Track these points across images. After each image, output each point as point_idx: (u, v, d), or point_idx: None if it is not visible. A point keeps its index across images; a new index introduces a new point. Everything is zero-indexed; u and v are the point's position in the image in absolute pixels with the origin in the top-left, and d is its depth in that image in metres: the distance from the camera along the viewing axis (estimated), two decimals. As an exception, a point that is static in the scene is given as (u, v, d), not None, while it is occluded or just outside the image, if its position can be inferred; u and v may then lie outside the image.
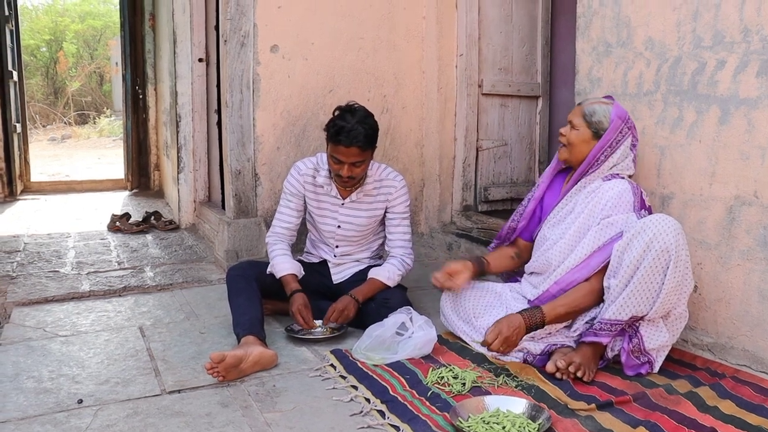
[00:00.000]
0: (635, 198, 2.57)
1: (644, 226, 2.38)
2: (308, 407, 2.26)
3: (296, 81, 4.12)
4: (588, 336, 2.48)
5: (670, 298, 2.38)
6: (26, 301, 3.51)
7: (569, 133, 2.69)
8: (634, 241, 2.39)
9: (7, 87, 7.37)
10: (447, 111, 4.55)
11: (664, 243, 2.33)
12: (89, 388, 2.43)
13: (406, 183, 3.22)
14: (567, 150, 2.71)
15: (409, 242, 3.22)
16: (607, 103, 2.66)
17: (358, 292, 3.01)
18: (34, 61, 22.08)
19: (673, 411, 2.15)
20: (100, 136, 18.03)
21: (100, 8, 26.04)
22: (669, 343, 2.48)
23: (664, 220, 2.37)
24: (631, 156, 2.66)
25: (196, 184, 5.44)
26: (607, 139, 2.61)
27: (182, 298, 3.62)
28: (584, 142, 2.65)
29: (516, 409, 2.11)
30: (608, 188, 2.58)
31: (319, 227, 3.24)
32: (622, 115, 2.63)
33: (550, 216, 2.79)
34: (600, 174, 2.66)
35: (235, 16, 3.92)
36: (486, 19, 4.56)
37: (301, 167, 3.19)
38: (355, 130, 2.86)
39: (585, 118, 2.65)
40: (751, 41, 2.48)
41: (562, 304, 2.54)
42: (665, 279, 2.35)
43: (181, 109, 5.51)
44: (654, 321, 2.43)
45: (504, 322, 2.57)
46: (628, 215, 2.52)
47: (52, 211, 6.79)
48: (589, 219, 2.60)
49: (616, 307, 2.40)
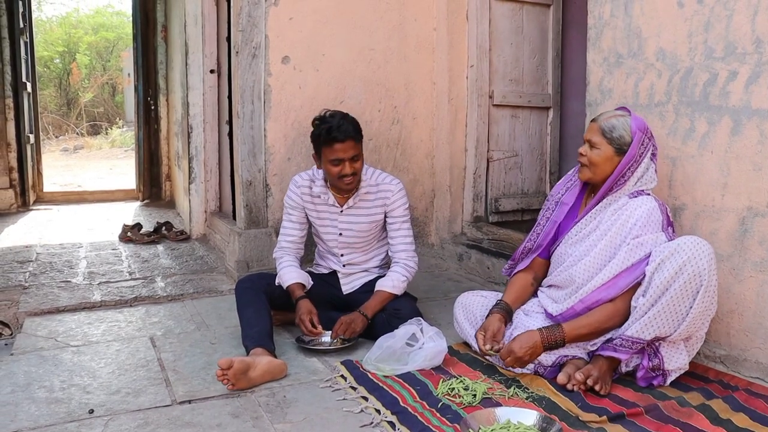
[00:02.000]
0: (663, 216, 2.51)
1: (678, 248, 2.34)
2: (318, 418, 2.26)
3: (307, 92, 4.14)
4: (606, 350, 2.45)
5: (695, 322, 2.35)
6: (38, 311, 3.53)
7: (589, 152, 2.58)
8: (666, 262, 2.34)
9: (21, 98, 7.44)
10: (458, 122, 4.55)
11: (697, 267, 2.29)
12: (100, 398, 2.43)
13: (403, 186, 3.22)
14: (589, 170, 2.60)
15: (412, 245, 3.23)
16: (624, 116, 2.58)
17: (367, 308, 3.02)
18: (47, 73, 22.27)
19: (685, 424, 2.13)
20: (112, 147, 18.15)
21: (113, 20, 26.28)
22: (687, 364, 2.47)
23: (699, 244, 2.32)
24: (653, 167, 2.59)
25: (207, 195, 5.46)
26: (632, 154, 2.52)
27: (193, 308, 3.63)
28: (607, 161, 2.55)
29: (527, 420, 2.10)
30: (636, 206, 2.50)
31: (322, 237, 3.27)
32: (641, 126, 2.56)
33: (571, 233, 2.71)
34: (626, 191, 2.57)
35: (247, 27, 3.95)
36: (497, 30, 4.57)
37: (298, 180, 3.24)
38: (343, 125, 2.97)
39: (605, 135, 2.55)
40: (763, 52, 2.47)
41: (584, 325, 2.49)
42: (694, 303, 2.31)
43: (192, 119, 5.54)
44: (675, 343, 2.41)
45: (517, 341, 2.52)
46: (657, 235, 2.46)
47: (64, 221, 6.83)
48: (616, 237, 2.51)
49: (640, 325, 2.36)
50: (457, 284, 4.14)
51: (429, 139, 4.60)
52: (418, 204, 4.59)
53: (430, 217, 4.68)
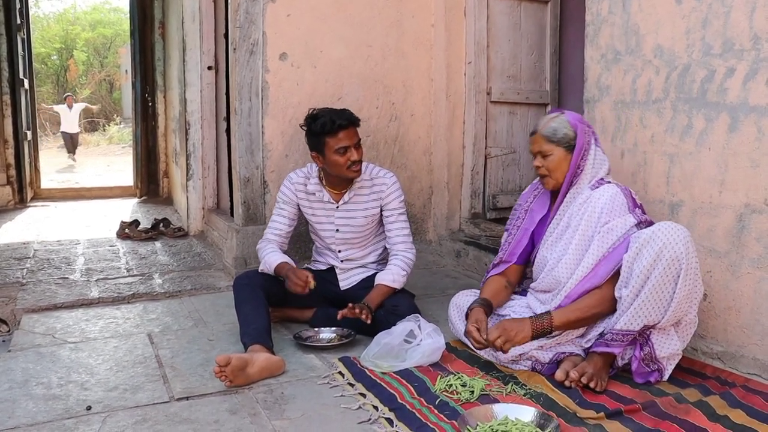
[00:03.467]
0: (627, 199, 2.57)
1: (653, 235, 2.36)
2: (316, 415, 2.26)
3: (305, 89, 4.14)
4: (599, 346, 2.46)
5: (681, 306, 2.36)
6: (36, 308, 3.53)
7: (544, 162, 2.67)
8: (643, 251, 2.37)
9: (18, 95, 7.43)
10: (455, 118, 4.55)
11: (674, 252, 2.31)
12: (98, 394, 2.43)
13: (397, 179, 3.23)
14: (551, 177, 2.68)
15: (409, 237, 3.23)
16: (558, 116, 2.69)
17: (370, 299, 3.02)
18: (44, 69, 22.25)
19: (683, 420, 2.13)
20: (109, 144, 18.15)
21: (110, 17, 26.25)
22: (680, 350, 2.47)
23: (673, 229, 2.35)
24: (599, 150, 2.69)
25: (204, 192, 5.46)
26: (581, 144, 2.63)
27: (191, 305, 3.63)
28: (563, 161, 2.65)
29: (525, 417, 2.10)
30: (599, 195, 2.57)
31: (319, 234, 3.27)
32: (578, 118, 2.69)
33: (546, 236, 2.75)
34: (586, 182, 2.65)
35: (245, 24, 3.94)
36: (494, 27, 4.57)
37: (293, 177, 3.26)
38: (342, 113, 3.04)
39: (551, 140, 2.64)
40: (761, 49, 2.47)
41: (572, 310, 2.51)
42: (676, 288, 2.33)
43: (190, 116, 5.53)
44: (665, 329, 2.42)
45: (508, 321, 2.53)
46: (625, 217, 2.52)
47: (62, 218, 6.82)
48: (587, 230, 2.58)
49: (627, 317, 2.38)
50: (455, 281, 4.14)
51: (427, 136, 4.60)
52: (415, 201, 4.59)
53: (427, 214, 4.68)
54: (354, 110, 3.19)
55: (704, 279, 2.69)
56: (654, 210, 2.90)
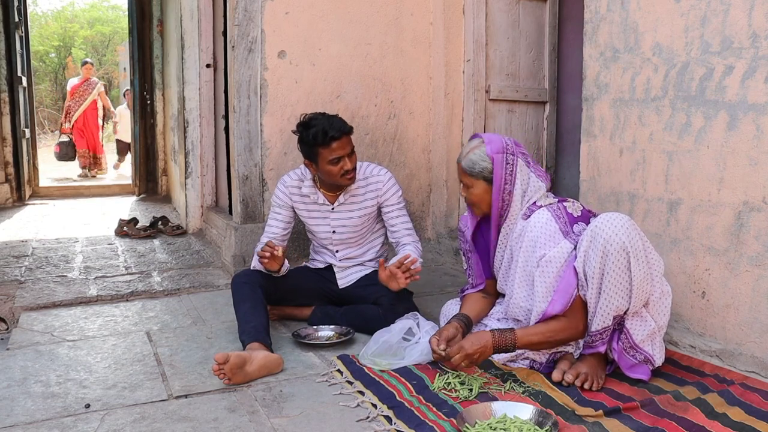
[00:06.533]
0: (559, 222, 2.49)
1: (594, 234, 2.35)
2: (315, 413, 2.26)
3: (304, 87, 4.13)
4: (586, 349, 2.48)
5: (643, 287, 2.37)
6: (34, 306, 3.53)
7: (467, 193, 2.63)
8: (590, 252, 2.36)
9: (16, 92, 7.43)
10: (454, 116, 4.55)
11: (617, 243, 2.30)
12: (96, 392, 2.43)
13: (392, 174, 3.22)
14: (477, 208, 2.65)
15: (413, 229, 3.22)
16: (479, 146, 2.58)
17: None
18: (43, 67, 22.22)
19: (681, 418, 2.13)
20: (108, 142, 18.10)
21: (108, 14, 26.20)
22: (659, 329, 2.46)
23: (609, 220, 2.34)
24: (533, 174, 2.60)
25: (203, 190, 5.46)
26: (499, 177, 2.54)
27: (189, 303, 3.63)
28: (485, 193, 2.59)
29: (523, 415, 2.10)
30: (530, 228, 2.50)
31: (316, 235, 3.27)
32: (497, 148, 2.55)
33: (496, 267, 2.74)
34: (517, 211, 2.59)
35: (243, 22, 3.94)
36: (493, 25, 4.57)
37: (287, 180, 3.23)
38: (334, 123, 2.96)
39: (470, 174, 2.58)
40: (759, 47, 2.47)
41: (535, 333, 2.46)
42: (632, 275, 2.34)
43: (188, 114, 5.53)
44: (638, 313, 2.43)
45: (469, 339, 2.47)
46: (562, 245, 2.45)
47: (60, 216, 6.82)
48: (527, 265, 2.53)
49: (599, 318, 2.39)
50: (454, 279, 4.14)
51: (425, 134, 4.60)
52: (414, 199, 4.59)
53: (426, 212, 4.68)
54: (353, 108, 3.18)
55: (703, 277, 2.69)
56: (652, 208, 2.90)
